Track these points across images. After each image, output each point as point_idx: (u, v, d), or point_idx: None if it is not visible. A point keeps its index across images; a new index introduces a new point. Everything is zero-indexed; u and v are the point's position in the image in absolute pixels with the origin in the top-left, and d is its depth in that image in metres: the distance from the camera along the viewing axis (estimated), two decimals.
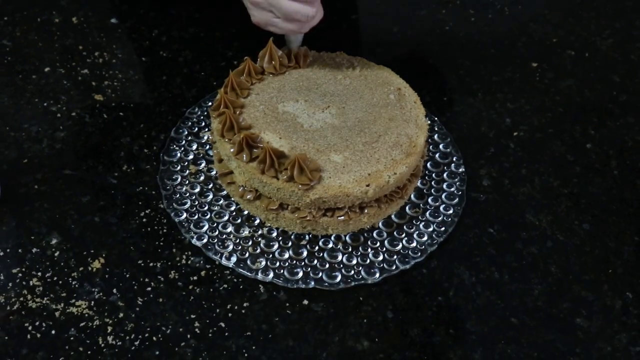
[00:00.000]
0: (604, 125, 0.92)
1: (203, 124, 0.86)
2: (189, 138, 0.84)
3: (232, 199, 0.79)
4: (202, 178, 0.81)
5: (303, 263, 0.74)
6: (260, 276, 0.73)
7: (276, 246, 0.75)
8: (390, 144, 0.76)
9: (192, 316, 0.70)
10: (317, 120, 0.77)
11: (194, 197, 0.79)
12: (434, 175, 0.83)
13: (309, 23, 0.76)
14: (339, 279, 0.73)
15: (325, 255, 0.75)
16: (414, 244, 0.76)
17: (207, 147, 0.83)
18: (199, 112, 0.87)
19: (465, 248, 0.77)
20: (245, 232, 0.76)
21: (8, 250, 0.74)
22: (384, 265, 0.74)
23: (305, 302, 0.72)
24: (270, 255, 0.74)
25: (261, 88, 0.81)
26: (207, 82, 0.92)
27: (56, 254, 0.74)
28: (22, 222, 0.76)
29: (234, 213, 0.78)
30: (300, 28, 0.77)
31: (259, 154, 0.73)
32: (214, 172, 0.81)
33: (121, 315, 0.70)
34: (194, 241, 0.75)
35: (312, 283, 0.73)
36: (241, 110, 0.78)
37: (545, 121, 0.91)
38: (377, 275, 0.73)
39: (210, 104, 0.87)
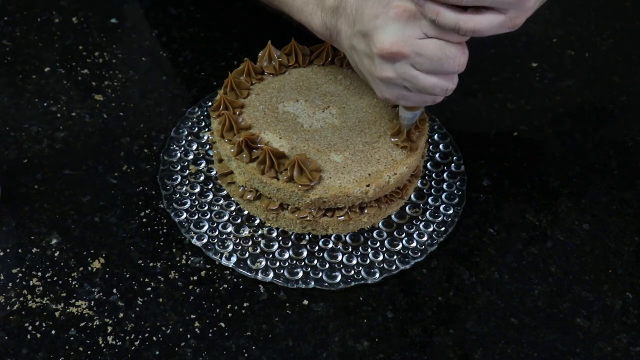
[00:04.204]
0: (604, 125, 0.92)
1: (203, 124, 0.86)
2: (189, 138, 0.84)
3: (232, 199, 0.79)
4: (202, 178, 0.81)
5: (303, 263, 0.74)
6: (260, 276, 0.73)
7: (276, 246, 0.75)
8: (391, 144, 0.76)
9: (192, 316, 0.70)
10: (317, 120, 0.77)
11: (194, 197, 0.78)
12: (434, 175, 0.83)
13: (444, 95, 0.69)
14: (339, 279, 0.73)
15: (325, 255, 0.75)
16: (414, 244, 0.76)
17: (207, 147, 0.83)
18: (199, 112, 0.87)
19: (465, 248, 0.77)
20: (245, 232, 0.76)
21: (8, 250, 0.74)
22: (384, 265, 0.74)
23: (305, 302, 0.72)
24: (270, 255, 0.74)
25: (261, 88, 0.81)
26: (207, 82, 0.92)
27: (56, 254, 0.74)
28: (22, 222, 0.76)
29: (234, 213, 0.78)
30: (434, 100, 0.70)
31: (259, 154, 0.73)
32: (214, 172, 0.81)
33: (121, 315, 0.70)
34: (194, 241, 0.75)
35: (312, 283, 0.73)
36: (241, 111, 0.78)
37: (545, 121, 0.91)
38: (377, 275, 0.73)
39: (210, 104, 0.87)
